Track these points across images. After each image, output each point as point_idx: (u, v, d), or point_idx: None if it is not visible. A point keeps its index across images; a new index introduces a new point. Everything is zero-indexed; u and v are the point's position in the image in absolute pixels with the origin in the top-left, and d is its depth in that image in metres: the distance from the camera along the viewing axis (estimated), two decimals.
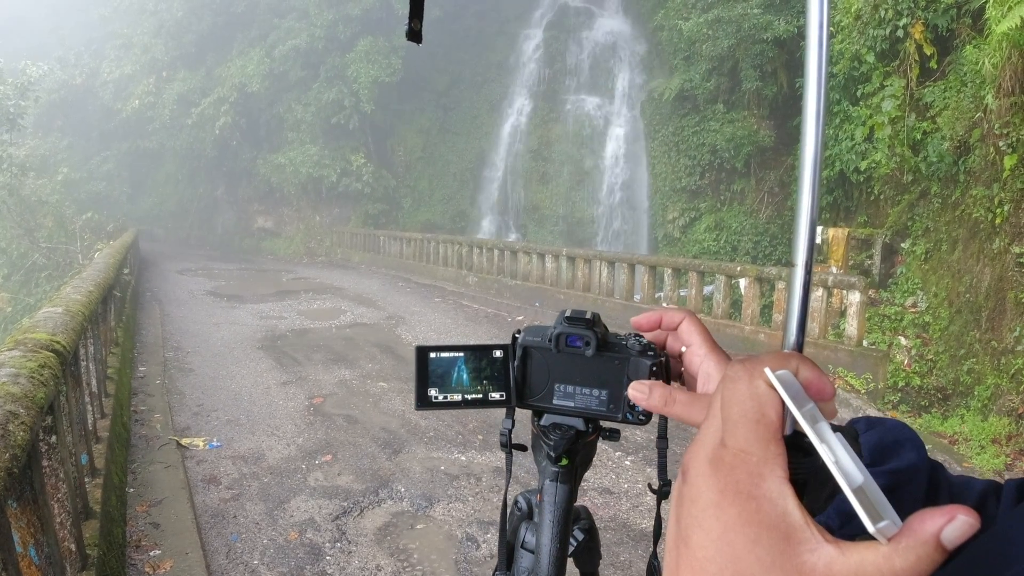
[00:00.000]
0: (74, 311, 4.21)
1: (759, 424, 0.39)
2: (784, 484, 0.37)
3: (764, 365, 0.41)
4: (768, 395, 0.40)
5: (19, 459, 2.06)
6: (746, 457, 0.38)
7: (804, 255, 0.47)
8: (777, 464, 0.38)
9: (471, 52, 24.58)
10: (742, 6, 14.33)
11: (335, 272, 20.47)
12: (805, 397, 0.40)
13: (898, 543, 0.33)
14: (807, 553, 0.35)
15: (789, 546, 0.35)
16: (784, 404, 0.39)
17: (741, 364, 0.42)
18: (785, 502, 0.36)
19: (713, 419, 0.41)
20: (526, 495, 0.94)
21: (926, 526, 0.33)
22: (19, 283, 20.40)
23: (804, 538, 0.35)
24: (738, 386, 0.40)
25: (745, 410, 0.39)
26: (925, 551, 0.32)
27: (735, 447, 0.39)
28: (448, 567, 4.06)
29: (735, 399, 0.40)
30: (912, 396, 7.85)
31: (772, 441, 0.38)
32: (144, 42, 29.02)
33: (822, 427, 0.39)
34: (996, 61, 7.32)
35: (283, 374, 8.31)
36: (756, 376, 0.40)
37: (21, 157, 20.28)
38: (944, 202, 8.86)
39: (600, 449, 0.88)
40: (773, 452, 0.38)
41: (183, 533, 4.26)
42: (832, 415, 0.47)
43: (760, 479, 0.37)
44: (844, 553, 0.34)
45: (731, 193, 15.76)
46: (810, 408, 0.40)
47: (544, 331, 0.79)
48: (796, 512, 0.36)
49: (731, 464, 0.38)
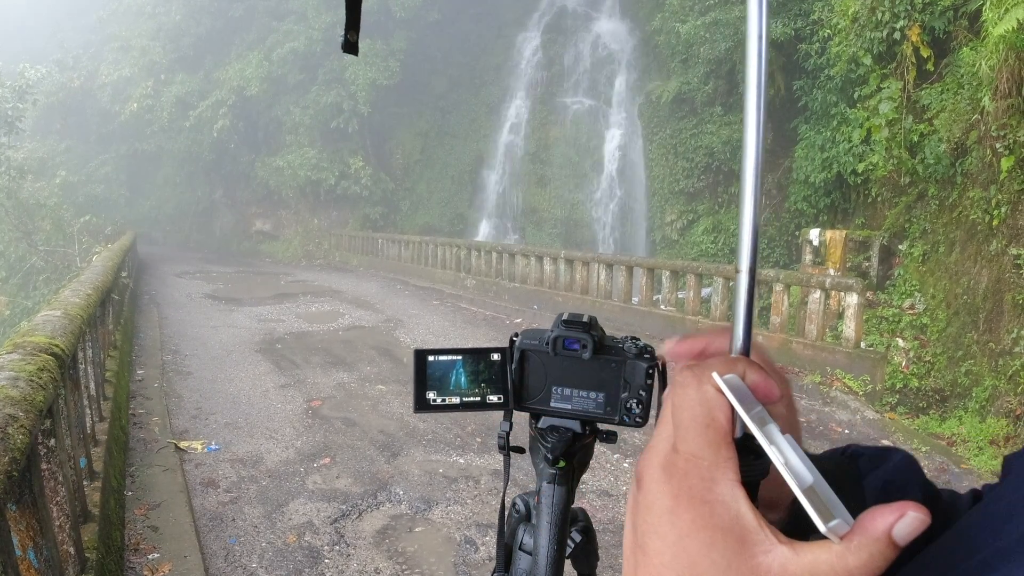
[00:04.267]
0: (73, 314, 4.21)
1: (709, 428, 0.39)
2: (736, 487, 0.38)
3: (712, 370, 0.41)
4: (716, 399, 0.40)
5: (18, 462, 2.06)
6: (698, 462, 0.38)
7: (748, 261, 0.48)
8: (728, 467, 0.38)
9: (469, 55, 24.61)
10: (739, 9, 14.35)
11: (333, 275, 20.47)
12: (753, 400, 0.40)
13: (850, 541, 0.33)
14: (762, 555, 0.35)
15: (744, 548, 0.35)
16: (733, 408, 0.40)
17: (689, 370, 0.42)
18: (738, 505, 0.37)
19: (664, 425, 0.42)
20: (524, 497, 0.94)
21: (877, 523, 0.33)
22: (17, 286, 20.37)
23: (758, 540, 0.36)
24: (687, 391, 0.41)
25: (695, 415, 0.40)
26: (877, 548, 0.33)
27: (687, 452, 0.39)
28: (447, 569, 4.06)
29: (684, 404, 0.40)
30: (910, 398, 7.86)
31: (722, 445, 0.39)
32: (142, 45, 29.00)
33: (771, 429, 0.39)
34: (993, 63, 7.34)
35: (281, 377, 8.30)
36: (704, 381, 0.41)
37: (19, 160, 20.28)
38: (941, 204, 8.88)
39: (598, 452, 0.88)
40: (724, 456, 0.38)
41: (181, 536, 4.25)
42: (781, 417, 0.47)
43: (712, 483, 0.38)
44: (798, 553, 0.34)
45: (729, 195, 15.78)
46: (758, 411, 0.40)
47: (542, 334, 0.79)
48: (749, 514, 0.36)
49: (684, 470, 0.39)
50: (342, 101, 23.87)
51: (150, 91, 28.42)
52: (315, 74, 24.81)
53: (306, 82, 25.03)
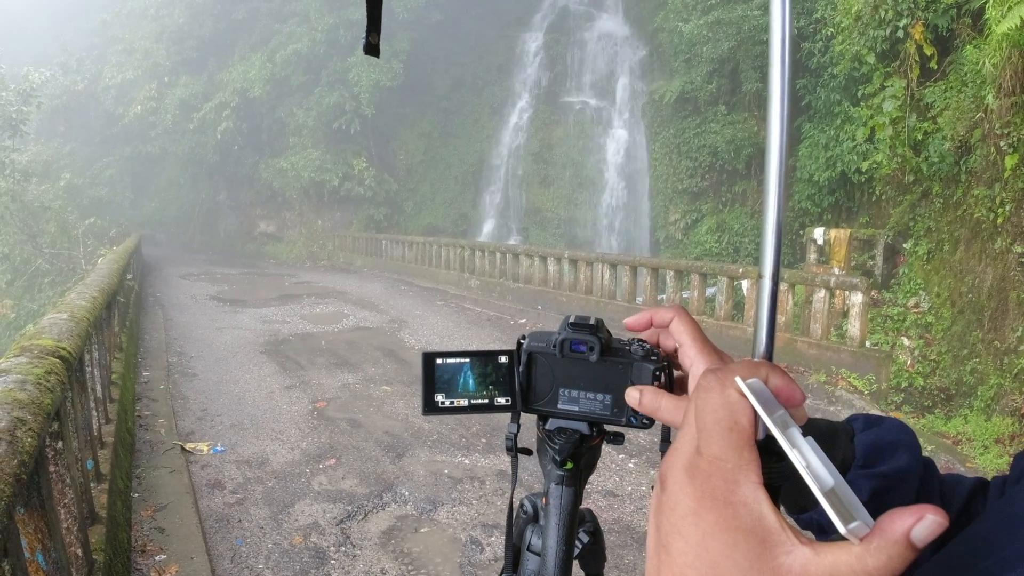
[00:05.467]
0: (79, 317, 4.23)
1: (732, 432, 0.40)
2: (759, 489, 0.38)
3: (735, 374, 0.42)
4: (740, 403, 0.41)
5: (27, 465, 2.08)
6: (721, 464, 0.39)
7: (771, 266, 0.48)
8: (751, 470, 0.39)
9: (472, 55, 24.62)
10: (742, 8, 14.35)
11: (337, 276, 20.50)
12: (776, 404, 0.42)
13: (870, 543, 0.34)
14: (783, 556, 0.36)
15: (765, 549, 0.36)
16: (756, 411, 0.41)
17: (713, 374, 0.43)
18: (760, 506, 0.38)
19: (688, 428, 0.43)
20: (531, 498, 0.95)
21: (896, 526, 0.34)
22: (22, 289, 20.41)
23: (779, 541, 0.36)
24: (711, 395, 0.42)
25: (718, 418, 0.41)
26: (896, 550, 0.33)
27: (710, 454, 0.40)
28: (452, 570, 4.07)
29: (708, 408, 0.41)
30: (915, 396, 7.85)
31: (745, 447, 0.40)
32: (146, 47, 29.08)
33: (793, 432, 0.40)
34: (996, 61, 7.33)
35: (286, 378, 8.32)
36: (728, 385, 0.42)
37: (24, 163, 20.31)
38: (946, 202, 8.86)
39: (604, 452, 0.89)
40: (747, 458, 0.39)
41: (188, 538, 4.27)
42: (802, 420, 0.49)
43: (735, 485, 0.39)
44: (818, 554, 0.35)
45: (732, 195, 15.77)
46: (781, 414, 0.41)
47: (549, 337, 0.80)
48: (771, 516, 0.37)
49: (707, 471, 0.40)
50: (345, 102, 23.91)
51: (154, 93, 28.50)
52: (318, 75, 24.85)
53: (309, 84, 25.07)
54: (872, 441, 0.63)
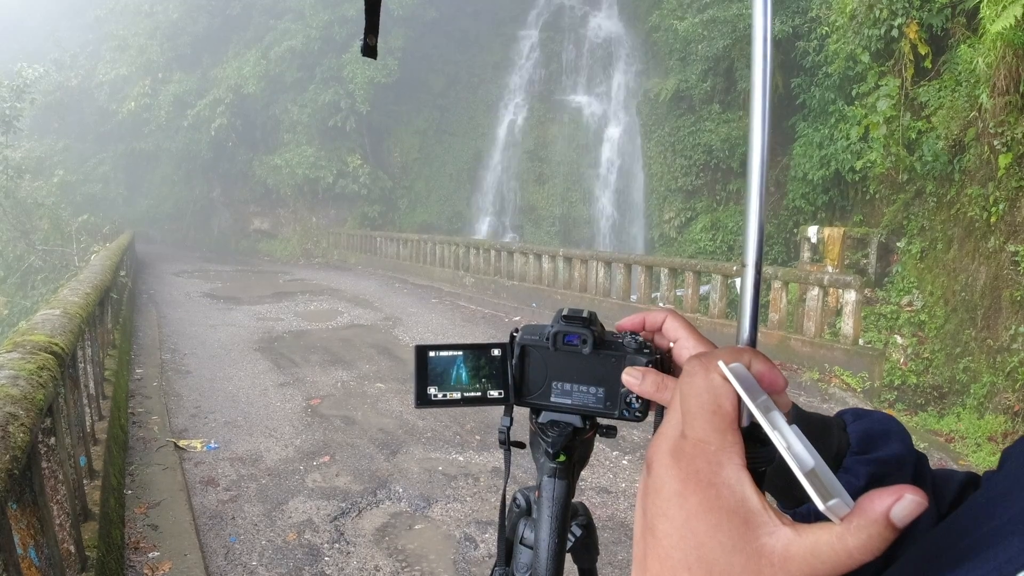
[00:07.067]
0: (72, 313, 4.21)
1: (716, 415, 0.41)
2: (742, 471, 0.39)
3: (719, 359, 0.43)
4: (723, 387, 0.42)
5: (19, 461, 2.07)
6: (705, 446, 0.40)
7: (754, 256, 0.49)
8: (734, 452, 0.40)
9: (467, 53, 24.59)
10: (737, 6, 14.37)
11: (332, 273, 20.46)
12: (758, 389, 0.42)
13: (850, 523, 0.35)
14: (766, 536, 0.37)
15: (748, 530, 0.37)
16: (739, 396, 0.42)
17: (697, 359, 0.44)
18: (743, 488, 0.39)
19: (673, 412, 0.43)
20: (524, 492, 0.95)
21: (876, 505, 0.34)
22: (15, 285, 20.31)
23: (762, 522, 0.37)
24: (695, 380, 0.43)
25: (702, 402, 0.42)
26: (876, 529, 0.34)
27: (694, 437, 0.41)
28: (446, 567, 4.07)
29: (692, 392, 0.42)
30: (908, 394, 7.88)
31: (729, 431, 0.41)
32: (140, 43, 28.95)
33: (775, 416, 0.41)
34: (990, 60, 7.36)
35: (280, 376, 8.31)
36: (711, 370, 0.43)
37: (17, 159, 20.19)
38: (939, 201, 8.89)
39: (598, 449, 0.89)
40: (730, 441, 0.40)
41: (182, 535, 4.26)
42: (785, 406, 0.49)
43: (719, 467, 0.39)
44: (800, 534, 0.36)
45: (727, 193, 15.78)
46: (763, 399, 0.42)
47: (542, 330, 0.80)
48: (754, 497, 0.38)
49: (691, 454, 0.40)
50: (340, 99, 23.85)
51: (148, 90, 28.38)
52: (313, 72, 24.78)
53: (304, 80, 25.00)
54: (864, 430, 0.64)
